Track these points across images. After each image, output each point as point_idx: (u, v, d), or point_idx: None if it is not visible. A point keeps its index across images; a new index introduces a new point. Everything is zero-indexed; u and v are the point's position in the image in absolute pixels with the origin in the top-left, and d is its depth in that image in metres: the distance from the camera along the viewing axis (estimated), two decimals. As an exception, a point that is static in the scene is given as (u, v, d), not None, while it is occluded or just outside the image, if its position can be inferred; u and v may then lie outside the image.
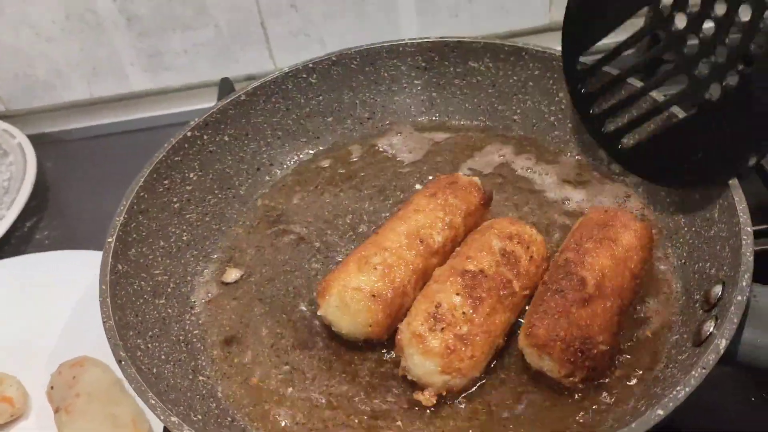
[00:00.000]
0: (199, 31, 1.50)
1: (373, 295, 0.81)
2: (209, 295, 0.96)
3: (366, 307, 0.81)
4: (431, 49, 1.14)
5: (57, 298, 1.15)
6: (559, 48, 1.02)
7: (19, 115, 1.60)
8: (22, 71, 1.53)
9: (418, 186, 1.07)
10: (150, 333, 0.84)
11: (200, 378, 0.84)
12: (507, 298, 0.81)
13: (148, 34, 1.49)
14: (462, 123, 1.17)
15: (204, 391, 0.83)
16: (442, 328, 0.77)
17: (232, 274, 0.98)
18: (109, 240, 0.87)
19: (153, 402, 0.69)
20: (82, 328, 1.11)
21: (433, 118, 1.18)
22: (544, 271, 0.86)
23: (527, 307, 0.84)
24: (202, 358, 0.88)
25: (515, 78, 1.12)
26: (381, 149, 1.15)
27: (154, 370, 0.79)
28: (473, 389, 0.81)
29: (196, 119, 1.04)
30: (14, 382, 1.03)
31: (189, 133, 1.02)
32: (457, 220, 0.90)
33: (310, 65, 1.12)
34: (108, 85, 1.57)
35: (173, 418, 0.67)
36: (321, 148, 1.16)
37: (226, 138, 1.07)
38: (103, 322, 0.78)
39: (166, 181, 0.99)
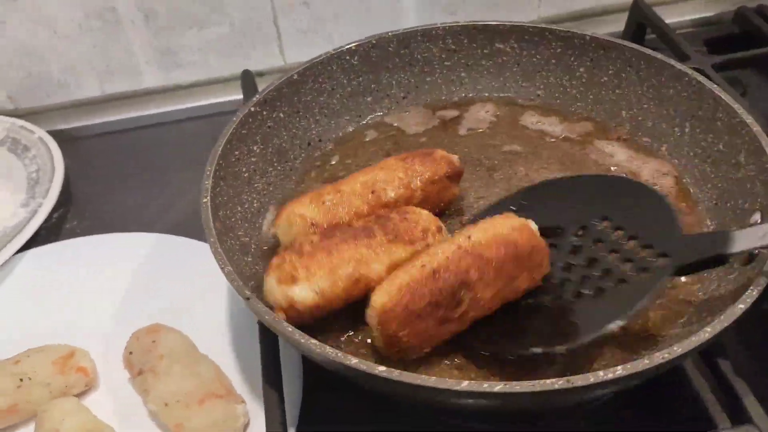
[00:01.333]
0: (214, 28, 1.56)
1: (312, 224, 0.92)
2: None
3: (304, 229, 0.92)
4: (461, 32, 1.24)
5: (106, 277, 1.19)
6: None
7: (30, 114, 1.61)
8: (35, 69, 1.55)
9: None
10: (250, 284, 0.90)
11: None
12: (362, 236, 0.87)
13: (165, 31, 1.54)
14: (487, 97, 1.27)
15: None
16: (286, 250, 0.87)
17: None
18: (204, 200, 0.92)
19: (290, 329, 0.75)
20: (135, 304, 1.15)
21: (462, 95, 1.27)
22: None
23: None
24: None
25: (539, 56, 1.23)
26: (415, 125, 1.25)
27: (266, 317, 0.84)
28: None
29: (257, 95, 1.10)
30: (85, 353, 1.06)
31: (252, 109, 1.09)
32: (415, 182, 0.98)
33: (353, 47, 1.21)
34: (121, 83, 1.60)
35: (313, 341, 0.73)
36: (362, 123, 1.24)
37: (281, 114, 1.14)
38: (221, 268, 0.83)
39: (236, 152, 1.05)
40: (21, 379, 1.00)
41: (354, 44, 1.20)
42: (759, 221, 0.92)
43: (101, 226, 1.36)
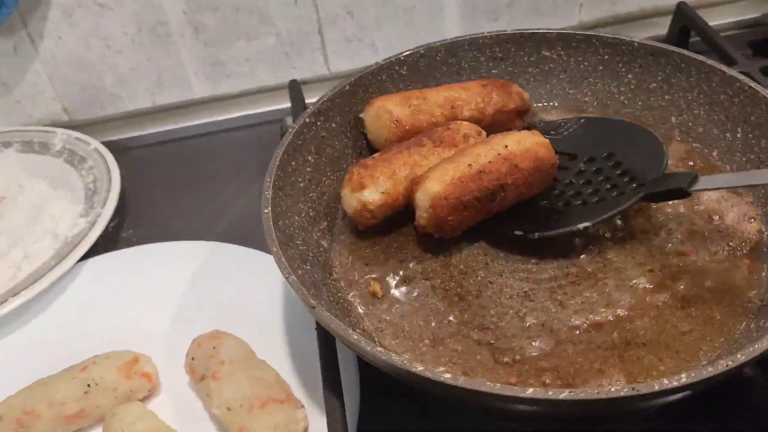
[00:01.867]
0: (261, 39, 1.59)
1: (397, 120, 1.09)
2: (340, 263, 1.05)
3: (388, 123, 1.10)
4: (507, 40, 1.26)
5: (166, 286, 1.23)
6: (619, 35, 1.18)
7: (84, 125, 1.66)
8: (89, 83, 1.60)
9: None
10: (311, 292, 0.92)
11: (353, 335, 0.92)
12: (414, 146, 1.05)
13: (214, 43, 1.58)
14: (536, 106, 1.28)
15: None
16: (354, 168, 1.03)
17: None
18: (265, 211, 0.95)
19: (355, 337, 0.77)
20: (194, 310, 1.19)
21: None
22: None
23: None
24: (353, 315, 0.96)
25: (586, 63, 1.24)
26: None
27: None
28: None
29: (312, 107, 1.13)
30: (149, 359, 1.09)
31: (307, 119, 1.11)
32: (488, 109, 1.12)
33: (402, 57, 1.22)
34: (171, 94, 1.65)
35: (379, 348, 0.75)
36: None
37: (334, 125, 1.16)
38: (286, 278, 0.86)
39: (293, 162, 1.07)
40: (88, 385, 1.04)
41: (403, 54, 1.22)
42: (815, 228, 0.92)
43: (156, 235, 1.40)
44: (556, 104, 1.27)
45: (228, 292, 1.20)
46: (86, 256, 1.29)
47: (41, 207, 1.42)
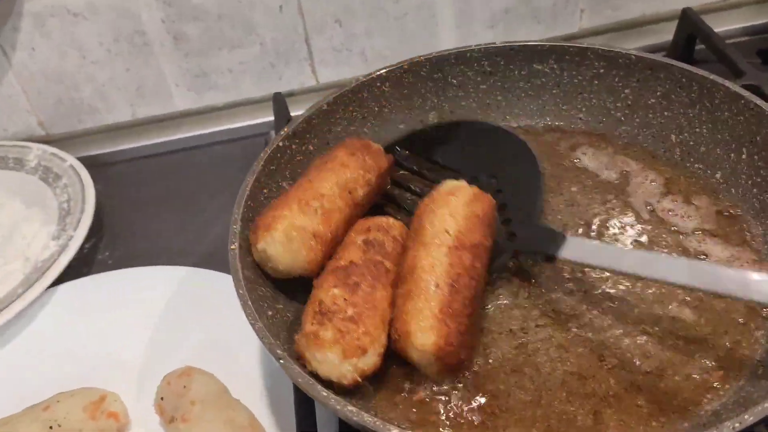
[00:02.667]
0: (245, 49, 1.52)
1: (315, 235, 0.91)
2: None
3: (308, 246, 0.90)
4: (497, 53, 1.19)
5: (138, 314, 1.17)
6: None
7: (62, 139, 1.60)
8: (66, 95, 1.54)
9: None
10: (281, 335, 0.86)
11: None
12: (382, 276, 0.88)
13: (195, 54, 1.51)
14: (527, 124, 1.21)
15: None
16: (330, 319, 0.81)
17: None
18: (233, 247, 0.89)
19: (324, 394, 0.71)
20: (169, 343, 1.13)
21: (499, 122, 1.22)
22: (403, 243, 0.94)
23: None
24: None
25: (580, 77, 1.17)
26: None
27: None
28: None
29: (285, 129, 1.07)
30: (116, 397, 1.03)
31: (281, 143, 1.05)
32: (372, 178, 1.01)
33: (384, 73, 1.16)
34: (152, 106, 1.58)
35: (350, 407, 0.69)
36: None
37: (311, 147, 1.10)
38: (252, 324, 0.80)
39: (265, 190, 1.01)
40: (51, 427, 0.98)
41: (384, 70, 1.16)
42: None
43: (133, 256, 1.34)
44: (548, 120, 1.20)
45: (204, 322, 1.14)
46: (59, 280, 1.23)
47: (14, 227, 1.36)
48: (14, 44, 1.45)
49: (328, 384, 0.79)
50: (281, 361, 0.75)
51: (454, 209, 0.90)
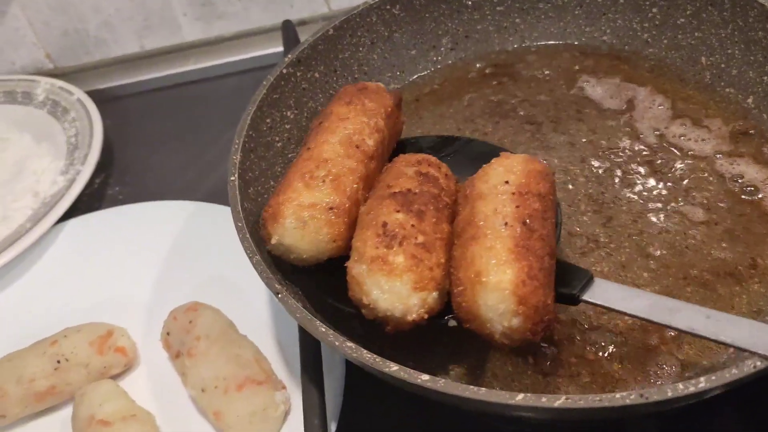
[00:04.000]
0: (253, -26, 1.46)
1: (331, 208, 0.77)
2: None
3: (327, 221, 0.77)
4: (515, -29, 1.11)
5: (146, 249, 1.15)
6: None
7: (70, 73, 1.57)
8: (72, 27, 1.50)
9: (521, 112, 1.05)
10: (281, 269, 0.83)
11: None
12: (442, 209, 0.76)
13: (201, -19, 1.46)
14: (548, 45, 1.14)
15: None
16: (400, 242, 0.70)
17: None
18: (232, 179, 0.86)
19: (323, 330, 0.68)
20: (177, 278, 1.11)
21: (517, 46, 1.15)
22: (457, 191, 0.82)
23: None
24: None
25: (604, -4, 1.10)
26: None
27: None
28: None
29: (289, 56, 1.01)
30: (124, 332, 1.03)
31: (284, 71, 1.00)
32: (380, 122, 0.88)
33: (392, -7, 1.09)
34: (160, 38, 1.54)
35: (349, 343, 0.67)
36: (406, 81, 1.14)
37: (317, 75, 1.05)
38: (250, 258, 0.77)
39: (268, 120, 0.97)
40: (58, 361, 0.97)
41: (394, -8, 1.09)
42: None
43: (143, 191, 1.33)
44: (571, 43, 1.13)
45: (212, 257, 1.11)
46: (70, 215, 1.22)
47: (23, 163, 1.35)
48: (16, -28, 1.41)
49: (383, 320, 0.69)
50: (279, 295, 0.72)
51: (509, 166, 0.77)
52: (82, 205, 1.29)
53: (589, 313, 0.81)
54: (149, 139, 1.44)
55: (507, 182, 0.74)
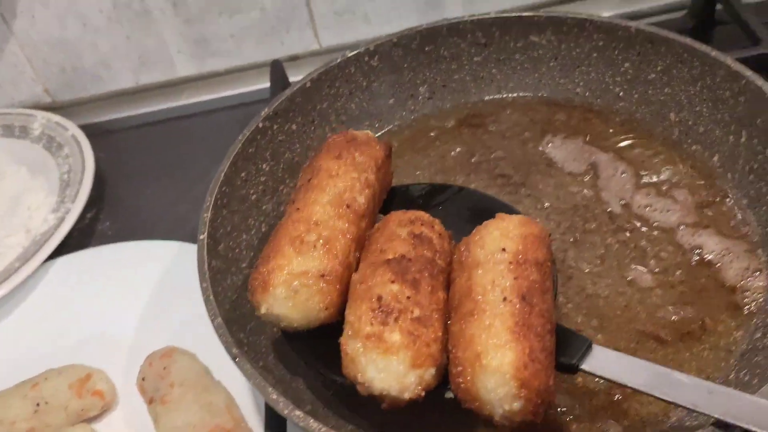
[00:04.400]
0: (245, 14, 1.49)
1: (323, 275, 0.75)
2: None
3: (319, 290, 0.75)
4: (492, 24, 1.13)
5: (131, 289, 1.18)
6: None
7: (67, 107, 1.61)
8: (69, 63, 1.53)
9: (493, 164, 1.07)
10: (249, 326, 0.86)
11: (300, 369, 0.86)
12: (437, 275, 0.74)
13: (195, 20, 1.49)
14: (523, 96, 1.16)
15: (305, 382, 0.85)
16: (396, 318, 0.68)
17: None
18: (201, 237, 0.88)
19: (274, 396, 0.71)
20: (159, 318, 1.14)
21: (494, 96, 1.17)
22: (451, 251, 0.80)
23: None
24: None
25: (578, 50, 1.12)
26: (443, 128, 1.16)
27: (260, 363, 0.81)
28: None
29: (266, 109, 1.04)
30: (103, 375, 1.05)
31: (260, 124, 1.03)
32: (371, 177, 0.86)
33: (372, 48, 1.12)
34: (155, 73, 1.57)
35: (297, 412, 0.69)
36: (384, 130, 1.16)
37: (294, 126, 1.08)
38: (211, 320, 0.80)
39: (243, 174, 1.00)
40: (38, 404, 1.01)
41: (373, 45, 1.12)
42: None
43: (133, 227, 1.35)
44: (546, 95, 1.15)
45: (192, 299, 1.12)
46: (58, 251, 1.25)
47: (19, 198, 1.38)
48: (14, 12, 1.45)
49: (379, 398, 0.69)
50: (236, 359, 0.75)
51: (505, 230, 0.76)
52: (73, 241, 1.32)
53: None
54: (141, 173, 1.47)
55: (504, 249, 0.73)
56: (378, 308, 0.69)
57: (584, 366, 0.72)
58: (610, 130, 1.08)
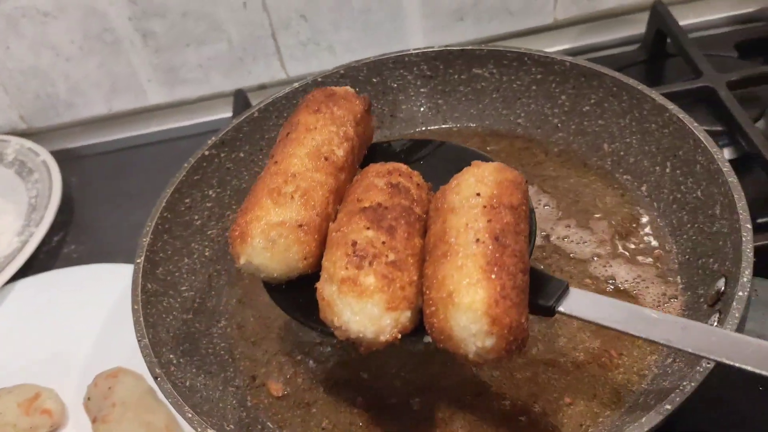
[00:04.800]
0: (212, 45, 1.54)
1: (300, 225, 0.76)
2: (233, 308, 1.01)
3: (297, 239, 0.76)
4: (436, 57, 1.17)
5: (87, 311, 1.21)
6: (555, 51, 1.06)
7: (42, 133, 1.65)
8: (43, 90, 1.58)
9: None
10: (181, 348, 0.89)
11: (230, 389, 0.89)
12: (414, 223, 0.75)
13: (164, 49, 1.54)
14: (468, 127, 1.20)
15: (235, 401, 0.88)
16: (370, 262, 0.69)
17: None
18: (138, 261, 0.92)
19: (190, 416, 0.74)
20: (114, 340, 1.17)
21: (441, 126, 1.21)
22: (429, 200, 0.81)
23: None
24: (231, 369, 0.92)
25: (519, 83, 1.15)
26: (391, 157, 1.19)
27: (188, 383, 0.84)
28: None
29: (213, 138, 1.08)
30: (52, 394, 1.08)
31: (207, 152, 1.07)
32: (349, 130, 0.87)
33: (319, 79, 1.16)
34: (126, 101, 1.62)
35: (209, 430, 0.72)
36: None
37: (242, 154, 1.12)
38: (138, 341, 0.83)
39: (187, 200, 1.03)
40: (-12, 421, 1.04)
41: (320, 76, 1.15)
42: (722, 289, 0.83)
43: (97, 250, 1.39)
44: (489, 125, 1.19)
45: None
46: (23, 274, 1.29)
47: (-9, 221, 1.42)
48: (-10, 43, 1.50)
49: (357, 342, 0.69)
50: (157, 379, 0.78)
51: (480, 176, 0.77)
52: (38, 263, 1.36)
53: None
54: (110, 198, 1.51)
55: (478, 194, 0.74)
56: (353, 253, 0.70)
57: (561, 308, 0.73)
58: (548, 161, 1.11)
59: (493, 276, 0.66)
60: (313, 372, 0.91)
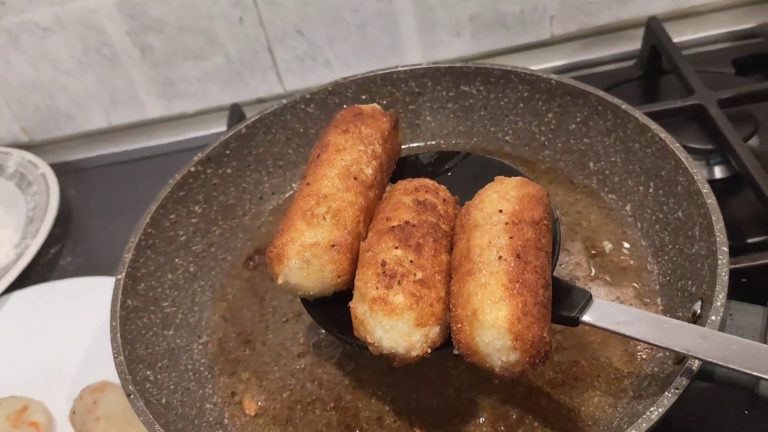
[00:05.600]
0: (210, 59, 1.56)
1: (333, 245, 0.80)
2: (215, 323, 1.02)
3: (330, 259, 0.79)
4: (424, 74, 1.18)
5: (79, 323, 1.23)
6: (552, 66, 1.06)
7: (42, 145, 1.68)
8: (43, 103, 1.61)
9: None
10: (159, 364, 0.90)
11: (207, 406, 0.90)
12: (441, 239, 0.79)
13: (162, 63, 1.56)
14: (457, 144, 1.20)
15: (211, 419, 0.88)
16: (399, 281, 0.73)
17: (238, 302, 1.03)
18: (119, 277, 0.93)
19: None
20: (104, 353, 1.16)
21: (429, 143, 1.21)
22: (456, 215, 0.84)
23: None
24: (209, 386, 0.93)
25: (506, 100, 1.15)
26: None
27: (163, 401, 0.84)
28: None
29: (199, 154, 1.09)
30: (40, 407, 1.10)
31: (192, 168, 1.08)
32: (377, 148, 0.90)
33: (308, 96, 1.17)
34: (125, 114, 1.64)
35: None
36: (322, 174, 1.20)
37: (229, 170, 1.12)
38: (114, 357, 0.83)
39: (172, 216, 1.04)
40: (-25, 434, 1.05)
41: (309, 93, 1.16)
42: (698, 312, 0.82)
43: (93, 263, 1.41)
44: (477, 142, 1.19)
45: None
46: (19, 285, 1.30)
47: (-8, 233, 1.44)
48: (-9, 57, 1.53)
49: (389, 357, 0.73)
50: (130, 396, 0.79)
51: (503, 192, 0.80)
52: (34, 275, 1.38)
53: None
54: (107, 211, 1.52)
55: (501, 210, 0.78)
56: (382, 273, 0.73)
57: (585, 318, 0.76)
58: (535, 179, 1.10)
59: (515, 294, 0.70)
60: (291, 390, 0.91)
